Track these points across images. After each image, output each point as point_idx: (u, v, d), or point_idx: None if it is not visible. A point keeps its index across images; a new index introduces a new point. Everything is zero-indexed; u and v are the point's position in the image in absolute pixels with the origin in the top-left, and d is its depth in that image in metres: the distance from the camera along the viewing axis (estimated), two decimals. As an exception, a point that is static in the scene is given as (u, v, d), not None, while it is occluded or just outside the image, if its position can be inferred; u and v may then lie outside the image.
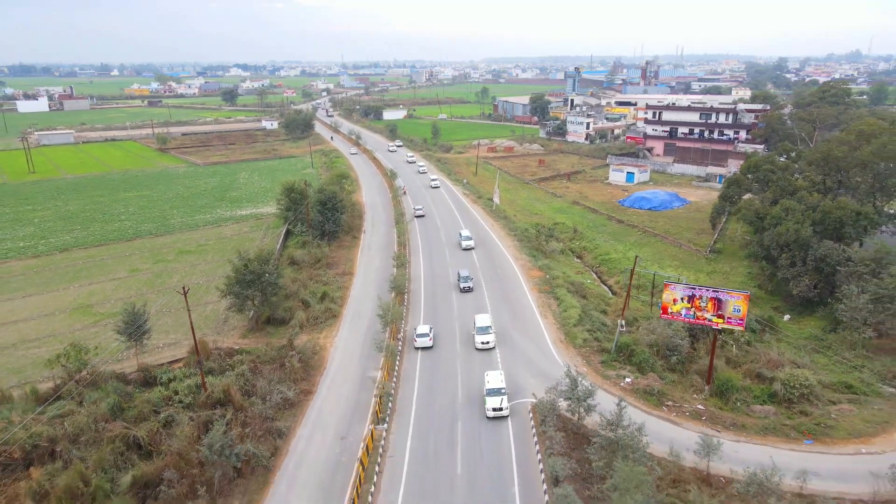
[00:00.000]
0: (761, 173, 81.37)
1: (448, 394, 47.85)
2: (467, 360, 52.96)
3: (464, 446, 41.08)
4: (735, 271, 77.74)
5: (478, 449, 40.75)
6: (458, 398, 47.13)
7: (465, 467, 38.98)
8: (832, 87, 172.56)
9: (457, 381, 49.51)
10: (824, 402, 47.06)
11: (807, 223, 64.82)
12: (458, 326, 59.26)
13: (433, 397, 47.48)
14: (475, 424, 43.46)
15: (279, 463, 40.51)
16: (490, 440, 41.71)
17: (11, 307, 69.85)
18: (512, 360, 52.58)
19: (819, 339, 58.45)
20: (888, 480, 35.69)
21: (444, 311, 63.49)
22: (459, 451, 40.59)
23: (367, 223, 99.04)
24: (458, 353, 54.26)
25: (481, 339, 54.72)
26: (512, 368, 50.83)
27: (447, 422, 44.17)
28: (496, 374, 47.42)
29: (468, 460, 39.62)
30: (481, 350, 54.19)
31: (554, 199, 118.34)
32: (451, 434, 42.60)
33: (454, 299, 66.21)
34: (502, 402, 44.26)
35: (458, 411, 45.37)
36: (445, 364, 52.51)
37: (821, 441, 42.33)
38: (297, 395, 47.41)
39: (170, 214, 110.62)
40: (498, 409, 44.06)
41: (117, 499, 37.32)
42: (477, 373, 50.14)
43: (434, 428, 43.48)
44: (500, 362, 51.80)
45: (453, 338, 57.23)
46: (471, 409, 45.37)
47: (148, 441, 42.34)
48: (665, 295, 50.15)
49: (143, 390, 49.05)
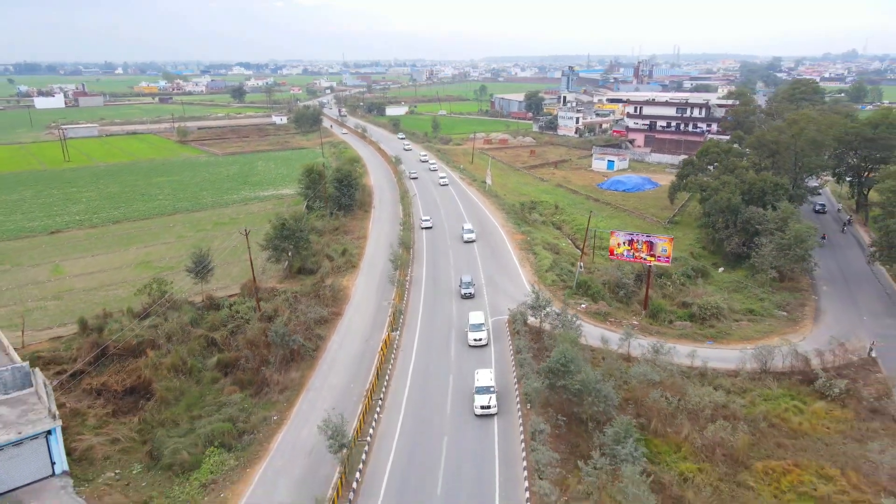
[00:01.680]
0: (710, 156, 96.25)
1: (445, 315, 62.71)
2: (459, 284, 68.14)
3: (456, 346, 55.88)
4: (686, 236, 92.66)
5: (465, 345, 55.57)
6: (454, 318, 61.94)
7: (457, 356, 53.83)
8: (801, 84, 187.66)
9: (452, 308, 64.35)
10: (730, 320, 62.01)
11: (737, 193, 79.65)
12: (453, 274, 73.88)
13: (434, 316, 62.43)
14: (465, 333, 58.19)
15: (320, 354, 55.44)
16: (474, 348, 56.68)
17: (86, 262, 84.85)
18: (495, 294, 67.45)
19: (740, 282, 73.31)
20: (752, 360, 50.78)
21: (442, 262, 78.47)
22: (453, 348, 55.42)
23: (375, 200, 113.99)
24: (453, 292, 68.89)
25: (474, 336, 54.87)
26: (494, 299, 65.74)
27: (444, 331, 59.04)
28: (486, 372, 47.44)
29: (459, 352, 54.45)
30: (474, 347, 54.76)
31: (540, 183, 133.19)
32: (447, 338, 57.41)
33: (451, 254, 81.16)
34: (490, 401, 44.21)
35: (453, 325, 60.20)
36: (443, 295, 67.45)
37: (719, 342, 57.32)
38: (330, 315, 62.34)
39: (201, 195, 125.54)
40: (486, 407, 43.96)
41: (208, 372, 52.34)
42: (467, 303, 64.95)
43: (434, 335, 58.33)
44: (486, 304, 66.40)
45: (449, 280, 72.07)
46: (461, 325, 59.88)
47: (222, 342, 57.37)
48: (612, 240, 65.24)
49: (210, 313, 63.95)
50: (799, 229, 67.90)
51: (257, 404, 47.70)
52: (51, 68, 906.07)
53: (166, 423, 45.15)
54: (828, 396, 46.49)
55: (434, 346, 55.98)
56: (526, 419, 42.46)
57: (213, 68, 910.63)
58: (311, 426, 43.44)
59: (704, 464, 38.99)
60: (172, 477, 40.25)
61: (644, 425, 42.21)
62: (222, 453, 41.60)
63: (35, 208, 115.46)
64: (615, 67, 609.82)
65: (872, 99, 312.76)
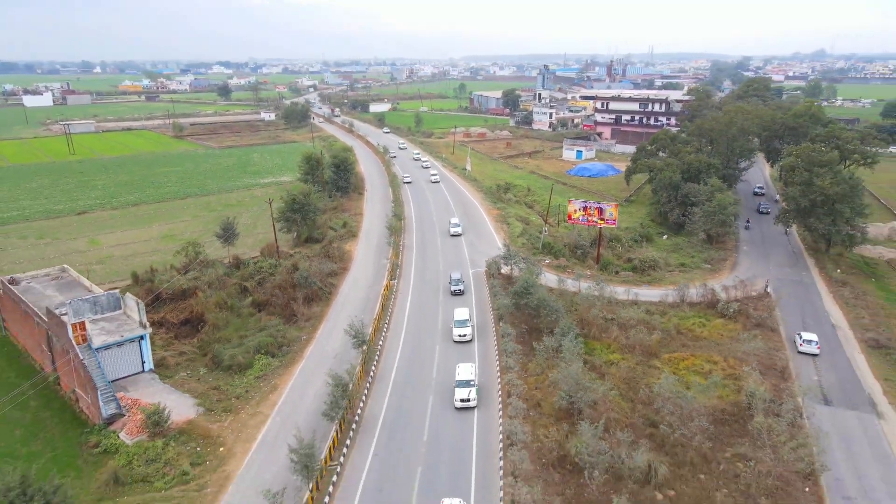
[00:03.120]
0: (660, 143, 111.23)
1: (434, 267, 76.52)
2: (445, 250, 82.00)
3: (443, 292, 69.57)
4: (639, 212, 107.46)
5: (450, 292, 69.35)
6: (441, 268, 75.72)
7: (443, 299, 67.61)
8: (755, 81, 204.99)
9: (439, 261, 78.24)
10: (664, 271, 76.61)
11: (678, 172, 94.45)
12: (439, 234, 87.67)
13: (425, 268, 76.23)
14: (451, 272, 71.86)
15: (334, 296, 68.87)
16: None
17: (117, 236, 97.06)
18: (475, 253, 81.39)
19: (678, 244, 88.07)
20: (674, 294, 65.43)
21: (428, 229, 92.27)
22: (441, 293, 69.16)
23: (367, 184, 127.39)
24: (438, 246, 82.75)
25: (459, 332, 55.81)
26: (474, 256, 79.72)
27: (434, 280, 72.78)
28: (467, 367, 48.11)
29: (445, 297, 68.18)
30: (458, 343, 55.76)
31: (515, 171, 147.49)
32: (436, 286, 71.12)
33: (435, 220, 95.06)
34: (470, 394, 45.07)
35: (441, 274, 73.98)
36: (432, 252, 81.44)
37: (652, 285, 71.81)
38: (338, 269, 75.83)
39: (206, 182, 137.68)
40: (465, 401, 44.78)
41: (245, 309, 65.46)
42: (451, 258, 78.81)
43: (425, 283, 72.04)
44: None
45: (435, 240, 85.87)
46: (446, 273, 73.53)
47: (252, 289, 70.44)
48: (569, 207, 79.66)
49: (237, 270, 76.86)
50: (722, 199, 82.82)
51: (289, 329, 61.01)
52: (28, 67, 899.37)
53: (220, 341, 58.18)
54: (725, 315, 61.21)
55: (425, 291, 69.78)
56: (497, 326, 56.54)
57: (193, 67, 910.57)
58: (334, 342, 57.07)
59: (626, 355, 53.29)
60: (232, 375, 53.43)
61: (585, 334, 56.29)
62: (268, 358, 54.95)
63: (56, 194, 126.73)
64: (591, 66, 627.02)
65: (828, 96, 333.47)
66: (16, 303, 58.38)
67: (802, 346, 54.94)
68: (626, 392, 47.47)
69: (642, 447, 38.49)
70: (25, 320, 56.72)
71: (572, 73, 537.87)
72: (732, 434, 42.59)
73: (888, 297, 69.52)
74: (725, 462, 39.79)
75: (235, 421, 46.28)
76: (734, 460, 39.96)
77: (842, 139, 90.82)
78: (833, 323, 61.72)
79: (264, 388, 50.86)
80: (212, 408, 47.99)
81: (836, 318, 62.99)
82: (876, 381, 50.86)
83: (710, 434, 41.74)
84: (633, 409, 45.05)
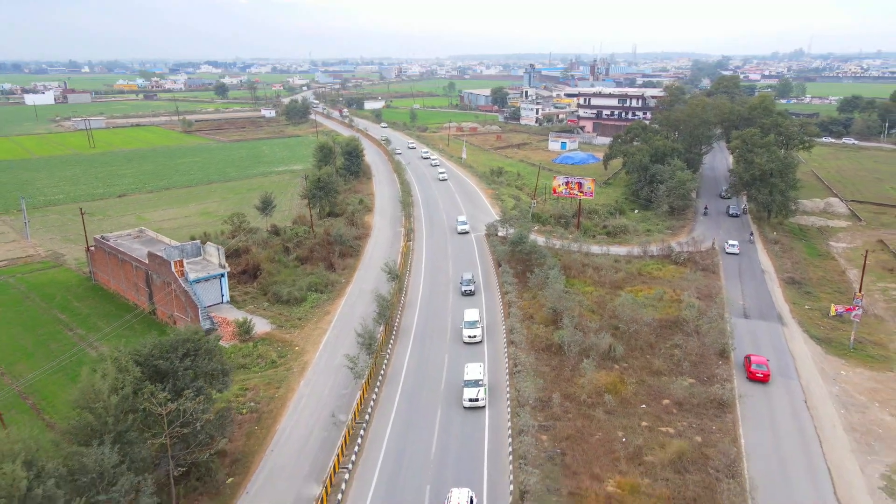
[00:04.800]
0: (633, 132, 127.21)
1: (442, 228, 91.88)
2: (451, 216, 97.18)
3: (452, 243, 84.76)
4: (615, 192, 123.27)
5: (458, 246, 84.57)
6: (446, 228, 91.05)
7: (452, 253, 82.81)
8: (725, 79, 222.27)
9: (445, 222, 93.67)
10: (633, 235, 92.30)
11: (647, 155, 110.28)
12: (444, 217, 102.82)
13: (434, 230, 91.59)
14: (457, 236, 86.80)
15: (362, 253, 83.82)
16: (463, 242, 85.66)
17: (160, 213, 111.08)
18: (474, 220, 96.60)
19: (646, 216, 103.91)
20: (638, 249, 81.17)
21: (433, 206, 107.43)
22: (449, 246, 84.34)
23: (373, 171, 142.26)
24: (442, 214, 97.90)
25: (469, 333, 56.46)
26: (474, 222, 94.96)
27: (444, 236, 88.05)
28: (475, 367, 48.69)
29: (454, 252, 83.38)
30: (469, 343, 56.35)
31: (506, 160, 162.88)
32: (444, 241, 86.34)
33: (440, 204, 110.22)
34: (479, 394, 45.51)
35: (448, 231, 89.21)
36: (438, 217, 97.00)
37: (621, 244, 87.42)
38: (362, 234, 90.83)
39: (226, 171, 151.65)
40: (474, 400, 45.32)
41: (290, 262, 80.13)
42: (454, 222, 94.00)
43: (436, 239, 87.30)
44: (467, 215, 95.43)
45: (441, 217, 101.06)
46: (452, 228, 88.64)
47: (292, 248, 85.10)
48: (554, 182, 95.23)
49: (276, 236, 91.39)
50: (682, 176, 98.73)
51: (329, 275, 75.85)
52: (15, 66, 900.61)
53: (276, 284, 72.78)
54: (678, 262, 77.02)
55: (437, 248, 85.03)
56: (497, 268, 71.95)
57: (181, 66, 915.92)
58: (368, 283, 72.13)
59: (598, 288, 68.80)
60: (290, 306, 68.11)
61: (566, 274, 71.62)
62: (317, 294, 69.81)
63: (91, 181, 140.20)
64: (575, 66, 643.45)
65: (797, 93, 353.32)
66: (109, 254, 72.63)
67: (728, 248, 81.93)
68: (597, 309, 62.94)
69: (606, 335, 53.95)
70: (121, 267, 70.96)
71: (557, 72, 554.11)
72: (672, 334, 58.11)
73: (810, 252, 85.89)
74: (665, 348, 55.33)
75: (302, 333, 61.16)
76: (671, 348, 55.51)
77: (783, 126, 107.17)
78: (763, 269, 77.72)
79: (319, 313, 65.76)
80: (282, 325, 62.83)
81: (766, 265, 79.08)
82: (786, 304, 66.85)
83: (656, 332, 57.32)
84: (601, 319, 60.47)
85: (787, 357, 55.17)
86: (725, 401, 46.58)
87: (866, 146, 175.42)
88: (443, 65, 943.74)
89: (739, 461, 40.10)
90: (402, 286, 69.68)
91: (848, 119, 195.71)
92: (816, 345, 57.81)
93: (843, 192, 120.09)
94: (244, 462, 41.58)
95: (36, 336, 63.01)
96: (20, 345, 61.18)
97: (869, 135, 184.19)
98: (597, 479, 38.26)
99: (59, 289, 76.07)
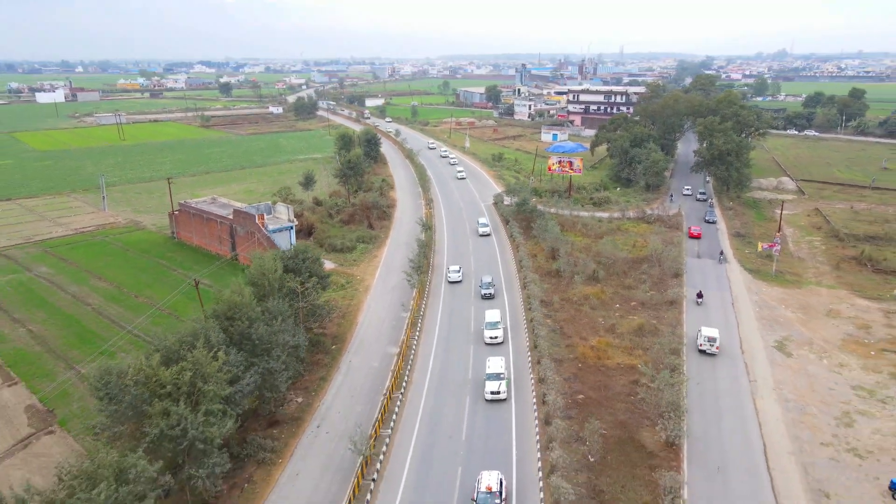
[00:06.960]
0: (616, 123, 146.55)
1: (457, 203, 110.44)
2: (462, 193, 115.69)
3: (466, 210, 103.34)
4: (600, 174, 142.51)
5: (471, 211, 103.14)
6: (462, 206, 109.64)
7: (467, 216, 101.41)
8: (702, 78, 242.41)
9: (459, 200, 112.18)
10: (614, 205, 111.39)
11: (628, 140, 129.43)
12: (456, 194, 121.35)
13: (451, 205, 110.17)
14: (475, 210, 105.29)
15: (393, 217, 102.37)
16: (477, 210, 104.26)
17: (210, 191, 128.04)
18: (481, 192, 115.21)
19: (626, 192, 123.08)
20: (618, 213, 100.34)
21: (446, 184, 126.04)
22: (467, 222, 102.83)
23: (388, 159, 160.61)
24: (453, 191, 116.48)
25: (490, 334, 57.16)
26: (482, 195, 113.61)
27: (457, 207, 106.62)
28: (497, 360, 50.22)
29: (469, 216, 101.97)
30: (490, 345, 57.07)
31: (504, 149, 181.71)
32: (460, 211, 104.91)
33: (452, 185, 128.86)
34: (500, 387, 46.79)
35: (464, 207, 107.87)
36: (452, 193, 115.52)
37: (605, 211, 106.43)
38: (390, 203, 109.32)
39: (254, 158, 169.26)
40: (496, 393, 46.60)
41: (336, 224, 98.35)
42: (466, 196, 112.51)
43: (454, 214, 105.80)
44: (475, 190, 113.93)
45: (453, 197, 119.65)
46: (465, 204, 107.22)
47: (335, 213, 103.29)
48: (549, 161, 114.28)
49: (318, 205, 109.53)
50: (655, 157, 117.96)
51: (370, 232, 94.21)
52: (9, 66, 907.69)
53: (328, 237, 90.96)
54: (649, 222, 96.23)
55: (453, 213, 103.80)
56: (506, 226, 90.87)
57: (175, 66, 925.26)
58: (403, 236, 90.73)
59: (586, 237, 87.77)
60: (343, 254, 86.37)
61: (561, 228, 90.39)
62: (364, 244, 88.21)
63: (135, 167, 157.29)
64: (564, 65, 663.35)
65: (773, 92, 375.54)
66: (194, 215, 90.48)
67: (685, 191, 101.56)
68: (584, 251, 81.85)
69: (591, 262, 72.89)
70: (206, 224, 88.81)
71: (547, 71, 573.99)
72: (641, 265, 77.03)
73: (759, 217, 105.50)
74: (635, 275, 74.32)
75: (359, 268, 79.65)
76: (640, 274, 74.47)
77: (741, 116, 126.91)
78: (717, 227, 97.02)
79: (368, 257, 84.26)
80: (342, 263, 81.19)
81: (720, 223, 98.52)
82: (731, 249, 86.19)
83: (629, 264, 76.35)
84: (588, 256, 79.28)
85: (724, 280, 74.32)
86: (675, 300, 65.65)
87: (825, 137, 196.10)
88: (434, 65, 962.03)
89: (679, 326, 59.26)
90: (430, 236, 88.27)
91: (811, 113, 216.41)
92: (748, 274, 77.06)
93: (796, 173, 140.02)
94: (340, 337, 60.07)
95: (149, 274, 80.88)
96: (141, 280, 79.03)
97: (829, 127, 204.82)
98: (584, 339, 57.15)
99: (150, 245, 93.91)
